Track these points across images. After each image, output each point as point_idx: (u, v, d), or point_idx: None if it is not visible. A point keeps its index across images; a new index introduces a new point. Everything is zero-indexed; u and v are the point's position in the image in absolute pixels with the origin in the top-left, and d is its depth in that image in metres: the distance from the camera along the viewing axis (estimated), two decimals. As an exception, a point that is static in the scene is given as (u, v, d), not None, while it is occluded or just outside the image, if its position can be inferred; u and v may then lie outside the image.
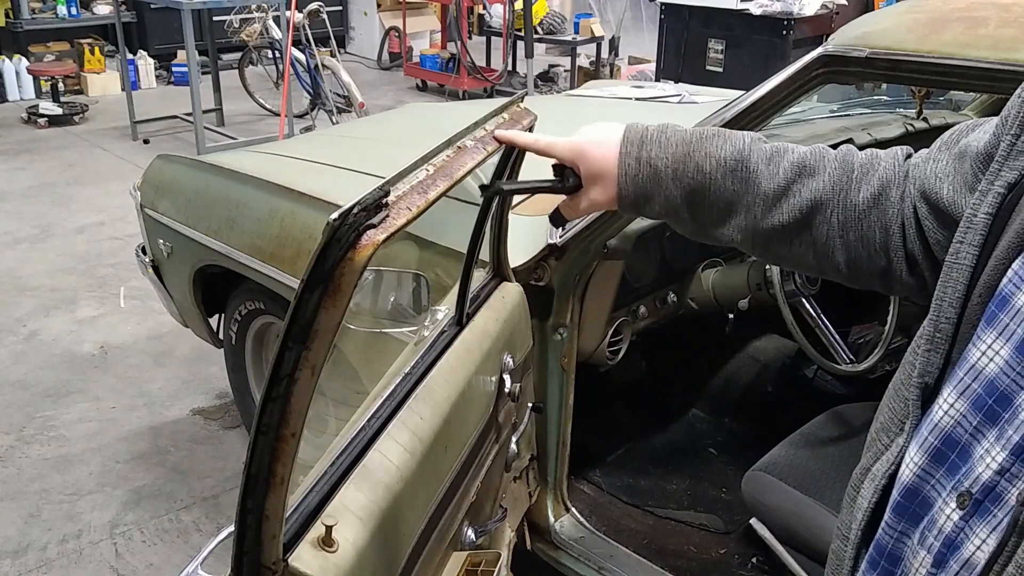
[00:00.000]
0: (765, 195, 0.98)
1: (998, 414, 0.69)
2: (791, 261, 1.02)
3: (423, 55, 8.70)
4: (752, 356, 2.89)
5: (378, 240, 0.82)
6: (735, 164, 0.99)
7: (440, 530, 1.33)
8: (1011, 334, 0.69)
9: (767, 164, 0.99)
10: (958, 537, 0.70)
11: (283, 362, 0.83)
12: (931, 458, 0.74)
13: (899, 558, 0.77)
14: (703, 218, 1.01)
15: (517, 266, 1.78)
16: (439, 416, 1.32)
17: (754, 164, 0.99)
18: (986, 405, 0.70)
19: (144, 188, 2.79)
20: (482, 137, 1.10)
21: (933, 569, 0.72)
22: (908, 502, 0.76)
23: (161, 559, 2.51)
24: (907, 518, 0.76)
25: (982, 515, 0.69)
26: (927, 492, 0.74)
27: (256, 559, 0.95)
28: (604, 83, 4.65)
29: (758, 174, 0.98)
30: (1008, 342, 0.69)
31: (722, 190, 0.99)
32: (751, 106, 1.63)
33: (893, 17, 1.54)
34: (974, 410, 0.71)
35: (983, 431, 0.70)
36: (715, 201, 1.00)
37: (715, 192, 0.99)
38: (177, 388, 3.38)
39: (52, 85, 7.53)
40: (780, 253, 1.01)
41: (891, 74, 1.48)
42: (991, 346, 0.71)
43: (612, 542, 2.03)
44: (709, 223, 1.02)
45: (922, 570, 0.73)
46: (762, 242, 1.00)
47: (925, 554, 0.73)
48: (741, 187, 0.99)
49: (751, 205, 0.99)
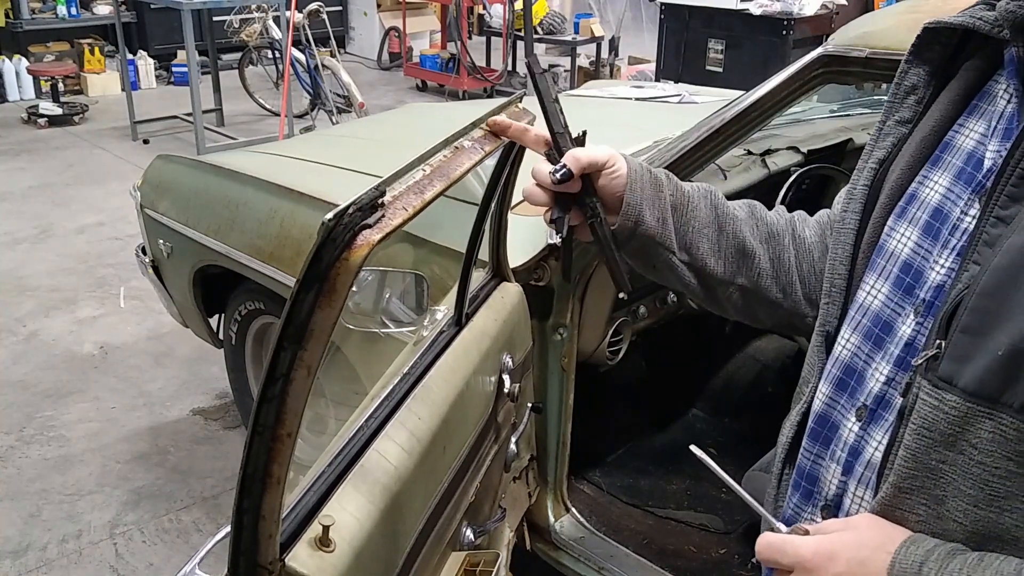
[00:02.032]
0: (734, 218, 1.09)
1: (883, 339, 0.84)
2: (760, 298, 1.10)
3: (423, 55, 8.71)
4: (752, 356, 2.89)
5: (373, 240, 0.82)
6: (706, 192, 1.10)
7: (438, 530, 1.32)
8: (888, 273, 0.86)
9: (725, 201, 1.11)
10: (859, 445, 0.85)
11: (279, 362, 0.83)
12: (835, 387, 0.89)
13: (816, 477, 0.90)
14: (685, 233, 1.08)
15: (517, 266, 1.78)
16: (438, 416, 1.31)
17: (719, 195, 1.11)
18: (873, 334, 0.86)
19: (144, 188, 2.79)
20: (480, 137, 1.10)
21: (843, 477, 0.86)
22: (820, 427, 0.90)
23: (161, 559, 2.51)
24: (820, 441, 0.90)
25: (876, 422, 0.83)
26: (835, 417, 0.88)
27: (253, 559, 0.95)
28: (604, 83, 4.65)
29: (724, 204, 1.10)
30: (887, 281, 0.86)
31: (698, 210, 1.08)
32: (751, 106, 1.63)
33: (893, 17, 1.54)
34: (865, 340, 0.86)
35: (873, 356, 0.85)
36: (694, 219, 1.08)
37: (693, 210, 1.08)
38: (177, 388, 3.38)
39: (52, 85, 7.53)
40: (747, 286, 1.10)
41: (891, 74, 1.46)
42: (873, 286, 0.87)
43: (612, 542, 2.02)
44: (691, 241, 1.08)
45: (833, 480, 0.87)
46: (732, 268, 1.09)
47: (835, 466, 0.87)
48: (712, 212, 1.08)
49: (723, 225, 1.08)
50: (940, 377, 0.74)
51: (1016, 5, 0.78)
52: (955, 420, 0.73)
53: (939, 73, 0.89)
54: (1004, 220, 0.75)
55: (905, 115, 0.91)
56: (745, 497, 0.88)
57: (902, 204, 0.87)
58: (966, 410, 0.73)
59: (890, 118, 0.92)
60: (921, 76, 0.90)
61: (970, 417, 0.72)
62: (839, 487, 0.87)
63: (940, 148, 0.86)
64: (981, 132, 0.83)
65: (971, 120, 0.85)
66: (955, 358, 0.73)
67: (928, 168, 0.86)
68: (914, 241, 0.84)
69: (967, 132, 0.85)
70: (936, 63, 0.89)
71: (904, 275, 0.84)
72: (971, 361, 0.72)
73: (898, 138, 0.90)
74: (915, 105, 0.90)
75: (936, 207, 0.83)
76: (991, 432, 0.71)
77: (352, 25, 10.34)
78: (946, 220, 0.82)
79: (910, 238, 0.84)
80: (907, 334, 0.82)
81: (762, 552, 0.83)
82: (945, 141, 0.86)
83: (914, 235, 0.84)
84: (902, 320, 0.83)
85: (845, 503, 0.86)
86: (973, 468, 0.73)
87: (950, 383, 0.73)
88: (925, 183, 0.86)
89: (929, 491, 0.76)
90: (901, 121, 0.91)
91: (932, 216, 0.83)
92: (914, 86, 0.90)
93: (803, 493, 0.91)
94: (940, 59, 0.89)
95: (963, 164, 0.83)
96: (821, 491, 0.89)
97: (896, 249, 0.85)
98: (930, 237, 0.83)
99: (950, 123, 0.87)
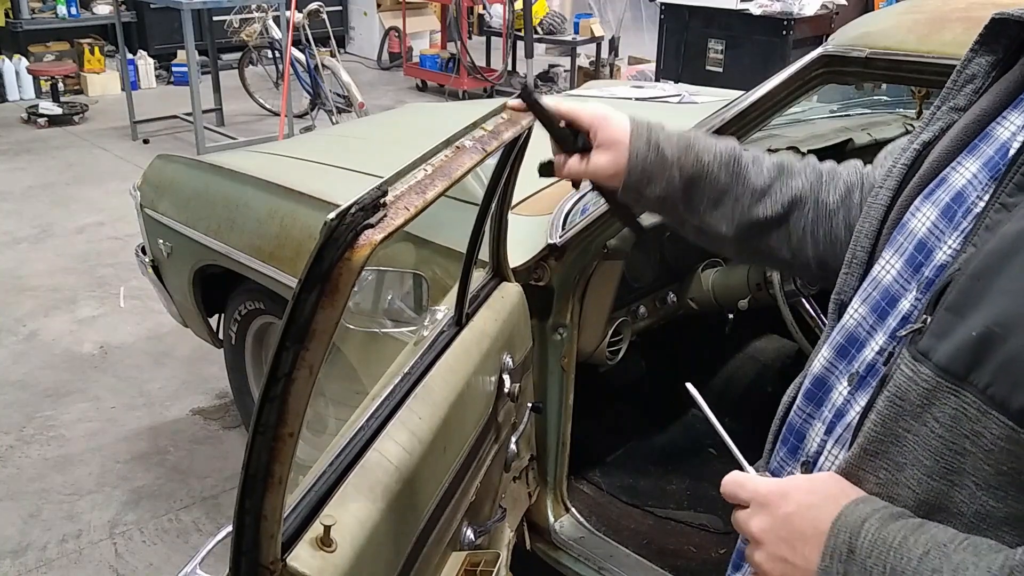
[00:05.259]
0: (753, 188, 1.13)
1: (887, 312, 0.87)
2: (766, 255, 1.16)
3: (423, 55, 8.70)
4: (752, 356, 2.89)
5: (376, 240, 0.82)
6: (728, 159, 1.13)
7: (439, 530, 1.33)
8: (904, 250, 0.87)
9: (753, 163, 1.14)
10: (844, 408, 0.88)
11: (281, 362, 0.83)
12: (836, 353, 0.91)
13: (804, 435, 0.93)
14: (696, 205, 1.14)
15: (517, 266, 1.78)
16: (438, 416, 1.31)
17: (744, 161, 1.14)
18: (880, 307, 0.88)
19: (144, 188, 2.79)
20: (481, 137, 1.10)
21: (825, 436, 0.90)
22: (816, 389, 0.93)
23: (161, 559, 2.51)
24: (814, 402, 0.93)
25: (863, 388, 0.86)
26: (831, 381, 0.91)
27: (254, 559, 0.95)
28: (604, 83, 4.65)
29: (747, 170, 1.13)
30: (901, 257, 0.87)
31: (716, 181, 1.12)
32: (751, 106, 1.63)
33: (893, 17, 1.54)
34: (871, 312, 0.88)
35: (876, 328, 0.87)
36: (709, 190, 1.13)
37: (710, 182, 1.12)
38: (177, 388, 3.38)
39: (52, 85, 7.53)
40: (758, 246, 1.16)
41: (891, 74, 1.48)
42: (888, 260, 0.88)
43: (612, 542, 2.02)
44: (701, 211, 1.14)
45: (816, 438, 0.91)
46: (744, 233, 1.14)
47: (820, 425, 0.91)
48: (732, 180, 1.13)
49: (740, 196, 1.13)
50: (919, 350, 0.77)
51: None
52: (925, 392, 0.75)
53: (1001, 65, 0.90)
54: (1007, 207, 0.77)
55: (960, 103, 0.91)
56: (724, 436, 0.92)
57: (932, 187, 0.88)
58: (935, 384, 0.75)
59: (945, 104, 0.93)
60: (983, 66, 0.90)
61: (938, 391, 0.75)
62: (819, 445, 0.91)
63: (980, 138, 0.87)
64: (1019, 124, 0.84)
65: (1014, 113, 0.86)
66: (935, 334, 0.76)
67: (964, 155, 0.87)
68: (932, 221, 0.86)
69: (1007, 124, 0.86)
70: (999, 54, 0.90)
71: (918, 253, 0.86)
72: (948, 338, 0.74)
73: (947, 124, 0.91)
74: (971, 94, 0.91)
75: (959, 191, 0.85)
76: (954, 409, 0.74)
77: (352, 25, 10.34)
78: (963, 203, 0.83)
79: (929, 218, 0.86)
80: (906, 308, 0.85)
81: (725, 486, 0.87)
82: (986, 131, 0.87)
83: (933, 215, 0.86)
84: (906, 296, 0.86)
85: (820, 460, 0.90)
86: (933, 441, 0.75)
87: (926, 357, 0.76)
88: (956, 169, 0.87)
89: (892, 457, 0.79)
90: (955, 108, 0.92)
91: (953, 199, 0.85)
92: (974, 75, 0.91)
93: (790, 448, 0.95)
94: (1005, 51, 0.89)
95: (993, 152, 0.85)
96: (805, 448, 0.93)
97: (915, 228, 0.87)
98: (946, 218, 0.84)
99: (996, 114, 0.87)
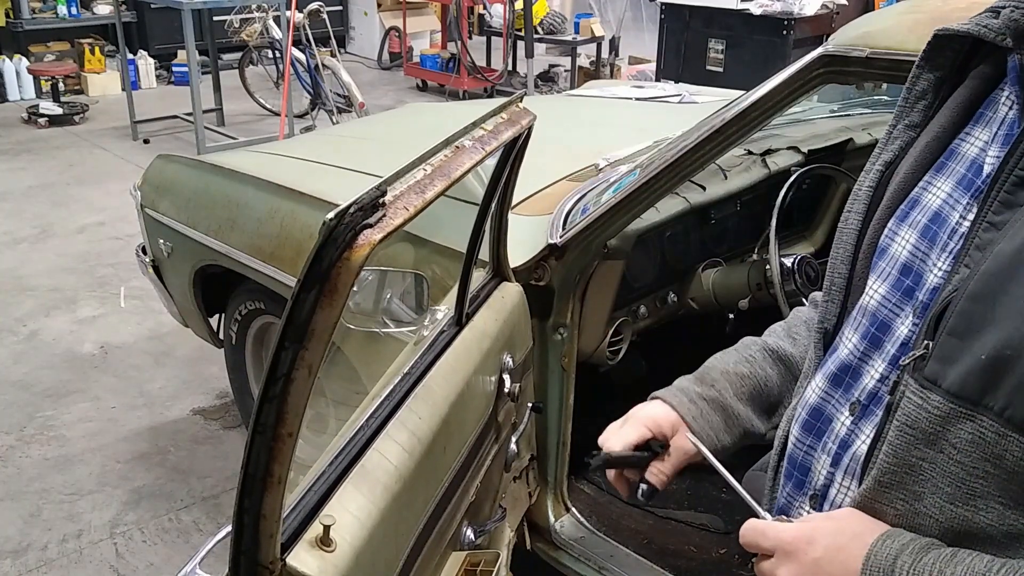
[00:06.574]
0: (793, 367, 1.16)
1: (880, 339, 0.86)
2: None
3: (423, 55, 8.70)
4: (752, 356, 2.87)
5: (375, 240, 0.82)
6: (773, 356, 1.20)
7: (439, 530, 1.33)
8: (887, 275, 0.87)
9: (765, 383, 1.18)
10: (849, 438, 0.87)
11: (280, 362, 0.83)
12: (831, 382, 0.90)
13: (808, 468, 0.92)
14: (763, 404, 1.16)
15: (517, 266, 1.78)
16: (438, 416, 1.31)
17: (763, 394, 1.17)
18: (870, 333, 0.87)
19: (144, 188, 2.79)
20: (481, 137, 1.10)
21: (831, 468, 0.88)
22: (813, 420, 0.92)
23: (161, 559, 2.51)
24: (814, 433, 0.91)
25: (867, 417, 0.85)
26: (829, 411, 0.90)
27: (254, 559, 0.95)
28: (604, 83, 4.65)
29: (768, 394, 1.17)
30: (885, 281, 0.87)
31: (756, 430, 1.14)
32: (751, 106, 1.63)
33: (893, 17, 1.53)
34: (862, 339, 0.88)
35: (870, 354, 0.87)
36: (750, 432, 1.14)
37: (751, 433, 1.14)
38: (177, 388, 3.38)
39: (52, 85, 7.53)
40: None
41: (891, 74, 1.48)
42: (871, 286, 0.88)
43: (612, 542, 2.02)
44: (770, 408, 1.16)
45: (823, 471, 0.89)
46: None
47: (825, 457, 0.89)
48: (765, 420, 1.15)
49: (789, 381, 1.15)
50: (926, 377, 0.76)
51: (1019, 13, 0.79)
52: (937, 419, 0.75)
53: (949, 79, 0.90)
54: (996, 226, 0.76)
55: (915, 119, 0.92)
56: (735, 486, 0.91)
57: (904, 208, 0.88)
58: (948, 410, 0.74)
59: (900, 122, 0.93)
60: (931, 82, 0.90)
61: (951, 417, 0.74)
62: (827, 478, 0.89)
63: (946, 155, 0.87)
64: (985, 140, 0.84)
65: (976, 128, 0.86)
66: (941, 359, 0.75)
67: (932, 174, 0.87)
68: (912, 244, 0.85)
69: (972, 140, 0.86)
70: (946, 69, 0.89)
71: (904, 277, 0.85)
72: (956, 363, 0.74)
73: (906, 142, 0.92)
74: (924, 110, 0.91)
75: (936, 211, 0.84)
76: (971, 433, 0.73)
77: (352, 25, 10.34)
78: (944, 224, 0.83)
79: (909, 241, 0.86)
80: (903, 334, 0.84)
81: (745, 536, 0.85)
82: (951, 148, 0.87)
83: (912, 238, 0.86)
84: (900, 320, 0.85)
85: (831, 493, 0.89)
86: (951, 467, 0.75)
87: (935, 383, 0.75)
88: (928, 189, 0.87)
89: (908, 487, 0.78)
90: (910, 125, 0.92)
91: (931, 220, 0.85)
92: (924, 91, 0.91)
93: (795, 483, 0.94)
94: (950, 66, 0.89)
95: (965, 170, 0.84)
96: (811, 481, 0.92)
97: (896, 252, 0.87)
98: (927, 240, 0.84)
99: (956, 129, 0.87)
